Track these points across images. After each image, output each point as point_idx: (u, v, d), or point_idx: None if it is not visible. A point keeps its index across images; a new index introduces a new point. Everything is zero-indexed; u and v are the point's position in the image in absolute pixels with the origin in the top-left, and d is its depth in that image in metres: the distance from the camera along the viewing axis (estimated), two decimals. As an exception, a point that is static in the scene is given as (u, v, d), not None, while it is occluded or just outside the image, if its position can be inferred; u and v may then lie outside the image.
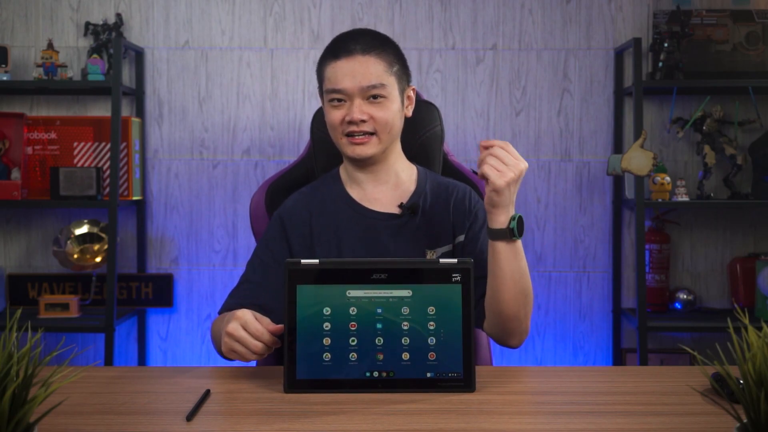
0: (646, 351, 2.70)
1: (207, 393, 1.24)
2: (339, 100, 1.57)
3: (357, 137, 1.57)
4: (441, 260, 1.29)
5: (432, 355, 1.27)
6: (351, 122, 1.56)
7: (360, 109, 1.55)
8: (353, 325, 1.27)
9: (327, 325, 1.27)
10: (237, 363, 1.40)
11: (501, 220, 1.42)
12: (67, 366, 0.97)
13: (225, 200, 2.97)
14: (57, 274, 2.95)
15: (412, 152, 1.77)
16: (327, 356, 1.27)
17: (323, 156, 1.82)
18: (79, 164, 2.85)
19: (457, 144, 2.95)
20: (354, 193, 1.66)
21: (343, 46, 1.59)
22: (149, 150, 2.97)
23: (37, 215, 2.97)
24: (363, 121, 1.56)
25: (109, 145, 2.82)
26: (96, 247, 2.85)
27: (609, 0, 2.94)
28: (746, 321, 0.94)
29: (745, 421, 0.89)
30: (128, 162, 2.84)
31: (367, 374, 1.27)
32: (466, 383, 1.27)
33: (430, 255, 1.60)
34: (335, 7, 2.94)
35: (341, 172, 1.70)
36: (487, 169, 1.38)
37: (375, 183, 1.66)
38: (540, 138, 2.97)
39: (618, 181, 2.94)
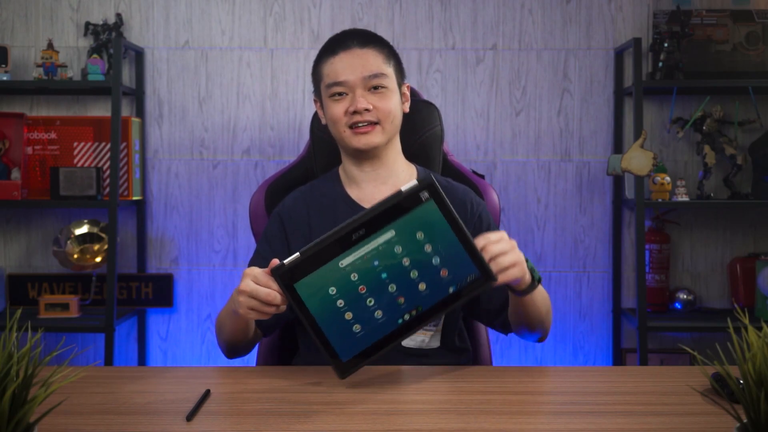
0: (646, 351, 2.70)
1: (207, 393, 1.24)
2: (340, 94, 1.59)
3: (361, 127, 1.58)
4: (403, 188, 1.27)
5: (444, 272, 1.28)
6: (355, 112, 1.57)
7: (363, 99, 1.57)
8: (362, 289, 1.27)
9: (340, 302, 1.28)
10: (237, 363, 1.41)
11: (526, 280, 1.41)
12: (67, 366, 0.97)
13: (225, 200, 2.97)
14: (57, 274, 2.95)
15: (411, 152, 1.76)
16: (357, 328, 1.28)
17: (323, 156, 1.82)
18: (79, 164, 2.85)
19: (457, 144, 2.95)
20: (353, 192, 1.66)
21: (339, 42, 1.61)
22: (149, 150, 2.97)
23: (37, 215, 2.97)
24: (367, 111, 1.56)
25: (109, 145, 2.82)
26: (96, 247, 2.85)
27: (609, 0, 2.94)
28: (746, 321, 0.94)
29: (745, 421, 0.89)
30: (128, 162, 2.84)
31: (399, 321, 1.29)
32: (485, 276, 1.29)
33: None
34: (335, 7, 2.94)
35: (340, 172, 1.70)
36: (507, 276, 1.33)
37: (374, 183, 1.65)
38: (540, 138, 2.97)
39: (618, 181, 2.94)
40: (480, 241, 1.32)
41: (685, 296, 2.91)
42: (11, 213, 2.98)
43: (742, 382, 0.91)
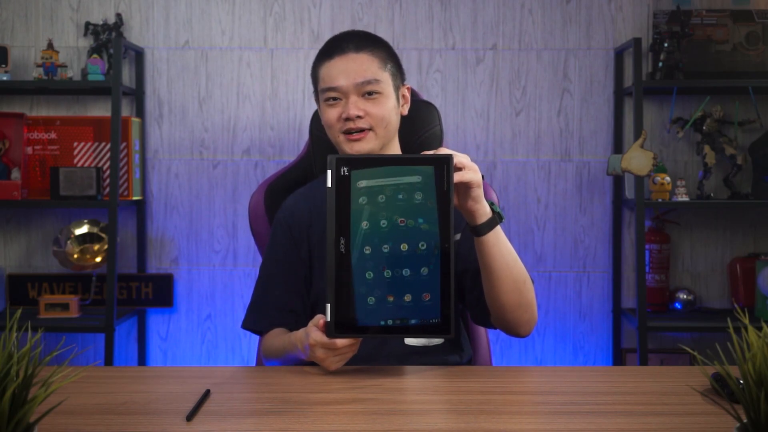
0: (646, 351, 2.70)
1: (207, 393, 1.24)
2: (334, 99, 1.59)
3: (354, 134, 1.57)
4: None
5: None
6: (347, 119, 1.56)
7: (355, 105, 1.56)
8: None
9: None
10: (237, 363, 1.41)
11: (485, 211, 1.40)
12: (67, 366, 0.97)
13: (225, 200, 2.97)
14: (57, 274, 2.95)
15: (411, 152, 1.77)
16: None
17: (322, 155, 1.82)
18: (79, 164, 2.85)
19: (457, 144, 2.95)
20: None
21: (336, 46, 1.60)
22: (149, 150, 2.97)
23: (37, 215, 2.97)
24: (359, 117, 1.56)
25: (109, 145, 2.82)
26: (96, 247, 2.85)
27: (609, 0, 2.94)
28: (746, 321, 0.94)
29: (745, 421, 0.89)
30: (128, 162, 2.84)
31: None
32: (442, 162, 1.29)
33: None
34: (335, 7, 2.94)
35: None
36: (464, 175, 1.35)
37: None
38: (540, 138, 2.97)
39: (618, 181, 2.94)
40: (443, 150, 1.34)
41: (685, 296, 2.91)
42: (11, 213, 2.98)
43: (742, 382, 0.91)
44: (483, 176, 1.86)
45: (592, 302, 3.00)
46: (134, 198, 2.87)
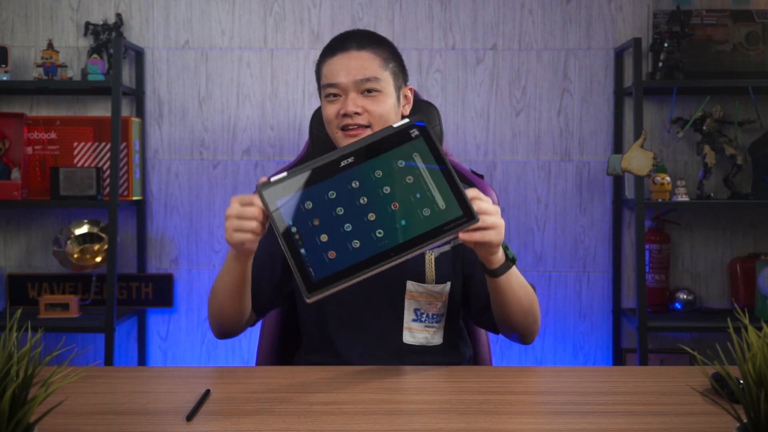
0: (646, 351, 2.70)
1: (207, 393, 1.24)
2: (335, 95, 1.59)
3: (351, 129, 1.58)
4: (394, 125, 1.30)
5: (426, 211, 1.25)
6: (345, 115, 1.57)
7: (354, 102, 1.57)
8: (339, 211, 1.26)
9: (317, 222, 1.25)
10: (237, 363, 1.40)
11: (500, 258, 1.42)
12: (67, 366, 0.97)
13: (225, 200, 2.97)
14: (57, 274, 2.95)
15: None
16: (332, 254, 1.23)
17: (322, 155, 1.82)
18: (79, 164, 2.85)
19: (457, 144, 2.95)
20: None
21: (339, 43, 1.61)
22: (149, 150, 2.97)
23: (37, 215, 2.97)
24: (357, 114, 1.57)
25: (109, 145, 2.82)
26: (96, 247, 2.85)
27: (609, 0, 2.94)
28: (746, 321, 0.94)
29: (745, 421, 0.89)
30: (128, 162, 2.84)
31: (375, 252, 1.23)
32: (468, 216, 1.25)
33: (429, 255, 1.60)
34: (335, 7, 2.94)
35: None
36: (487, 235, 1.33)
37: None
38: (540, 138, 2.97)
39: (618, 181, 2.94)
40: (470, 193, 1.31)
41: (685, 296, 2.91)
42: (11, 213, 2.98)
43: (742, 382, 0.91)
44: (482, 176, 1.87)
45: (592, 302, 3.00)
46: (134, 198, 2.87)
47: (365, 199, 1.26)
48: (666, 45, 2.80)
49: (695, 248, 3.00)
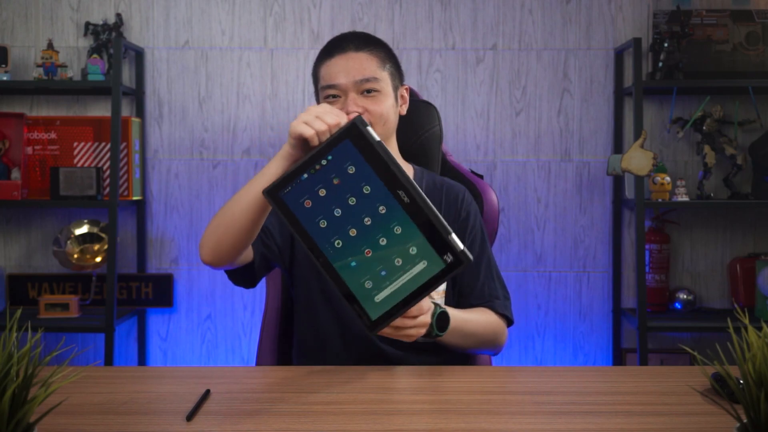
0: (646, 351, 2.70)
1: (207, 393, 1.24)
2: (334, 96, 1.60)
3: None
4: (453, 236, 1.25)
5: (368, 284, 1.27)
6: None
7: (354, 102, 1.58)
8: (352, 201, 1.26)
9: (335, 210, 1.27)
10: (237, 363, 1.40)
11: (426, 332, 1.44)
12: (67, 366, 0.97)
13: (225, 200, 2.96)
14: (57, 274, 2.95)
15: (411, 152, 1.77)
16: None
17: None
18: (79, 164, 2.85)
19: (457, 144, 2.95)
20: None
21: (336, 45, 1.63)
22: (149, 150, 2.97)
23: (37, 215, 2.97)
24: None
25: (109, 145, 2.82)
26: (96, 247, 2.85)
27: (609, 0, 2.94)
28: (746, 321, 0.94)
29: (745, 421, 0.89)
30: (128, 162, 2.84)
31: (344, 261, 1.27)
32: (370, 327, 1.26)
33: None
34: (335, 7, 2.94)
35: None
36: (406, 332, 1.37)
37: None
38: (540, 138, 2.97)
39: (618, 181, 2.94)
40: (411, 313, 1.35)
41: (685, 296, 2.91)
42: (11, 213, 2.98)
43: (742, 382, 0.91)
44: (482, 176, 1.88)
45: (592, 302, 3.00)
46: (134, 198, 2.87)
47: (369, 221, 1.26)
48: (666, 45, 2.80)
49: (695, 248, 3.00)
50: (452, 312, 1.48)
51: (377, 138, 1.25)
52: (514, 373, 1.54)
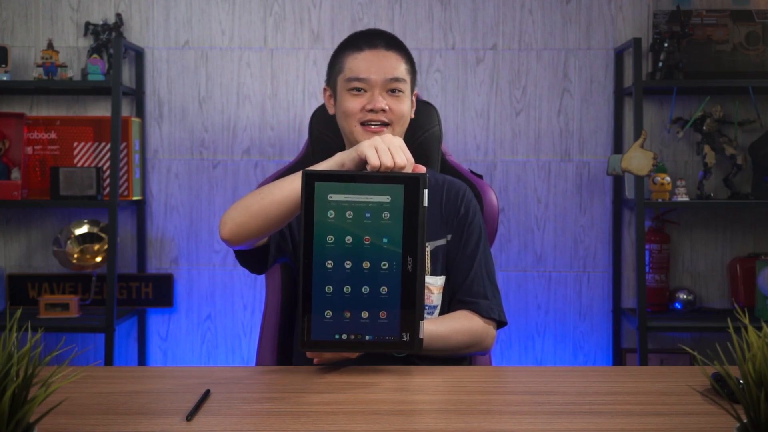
0: (646, 351, 2.70)
1: (207, 393, 1.24)
2: (358, 90, 1.61)
3: (373, 126, 1.61)
4: (422, 323, 1.30)
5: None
6: (371, 110, 1.60)
7: (382, 99, 1.60)
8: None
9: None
10: (237, 363, 1.41)
11: None
12: (67, 366, 0.97)
13: (225, 200, 2.97)
14: (57, 274, 2.95)
15: (410, 152, 1.76)
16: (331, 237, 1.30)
17: (321, 155, 1.82)
18: (79, 164, 2.85)
19: (457, 144, 2.95)
20: None
21: (365, 40, 1.65)
22: (149, 150, 2.97)
23: (37, 215, 2.97)
24: (383, 111, 1.60)
25: (109, 145, 2.82)
26: (96, 247, 2.85)
27: (609, 0, 2.94)
28: (746, 321, 0.94)
29: (745, 421, 0.89)
30: (128, 162, 2.84)
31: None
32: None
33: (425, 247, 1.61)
34: (335, 7, 2.94)
35: None
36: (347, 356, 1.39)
37: None
38: (540, 138, 2.97)
39: (618, 181, 2.94)
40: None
41: (685, 296, 2.91)
42: (11, 213, 2.98)
43: (742, 382, 0.91)
44: (481, 176, 1.88)
45: (592, 302, 3.00)
46: (134, 198, 2.87)
47: (367, 265, 1.29)
48: (666, 45, 2.80)
49: (695, 248, 3.00)
50: (427, 328, 1.46)
51: (426, 203, 1.28)
52: (514, 373, 1.54)
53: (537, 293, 2.98)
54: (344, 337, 1.30)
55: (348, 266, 1.28)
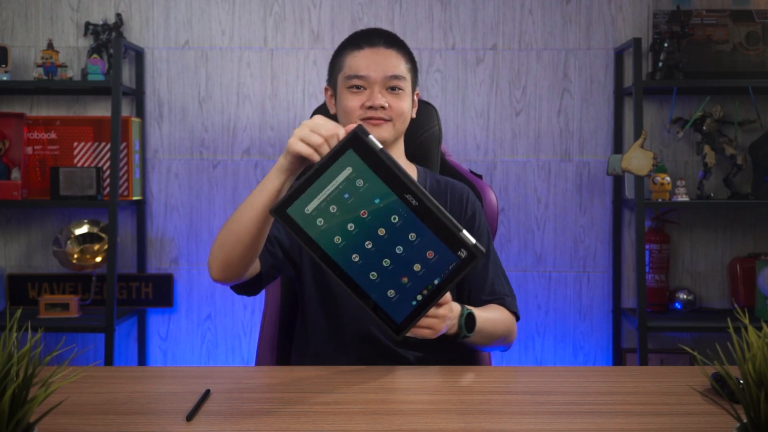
0: (646, 351, 2.70)
1: (207, 393, 1.24)
2: (358, 87, 1.62)
3: (374, 120, 1.61)
4: (464, 232, 1.25)
5: (391, 293, 1.26)
6: (371, 107, 1.61)
7: (381, 96, 1.61)
8: (363, 213, 1.25)
9: (346, 195, 1.25)
10: (237, 363, 1.41)
11: (452, 331, 1.47)
12: (67, 366, 0.97)
13: (225, 200, 2.97)
14: (57, 274, 2.95)
15: (410, 152, 1.77)
16: (320, 222, 1.25)
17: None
18: (79, 164, 2.85)
19: (457, 144, 2.95)
20: None
21: (365, 38, 1.66)
22: (149, 150, 2.97)
23: (37, 215, 2.97)
24: (382, 108, 1.61)
25: (109, 145, 2.82)
26: (96, 247, 2.85)
27: (609, 0, 2.94)
28: (746, 321, 0.94)
29: (745, 421, 0.89)
30: (128, 162, 2.84)
31: (361, 275, 1.27)
32: (397, 330, 1.27)
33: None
34: (335, 7, 2.94)
35: None
36: (421, 332, 1.37)
37: None
38: (540, 138, 2.97)
39: (618, 181, 2.94)
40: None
41: (685, 296, 2.91)
42: (11, 213, 2.98)
43: (742, 382, 0.91)
44: (481, 176, 1.88)
45: (592, 302, 3.00)
46: (134, 198, 2.87)
47: (383, 232, 1.25)
48: (666, 45, 2.80)
49: (695, 248, 3.00)
50: (477, 312, 1.51)
51: (380, 145, 1.24)
52: (514, 373, 1.54)
53: (537, 293, 2.98)
54: (419, 297, 1.26)
55: (370, 246, 1.25)
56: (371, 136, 1.24)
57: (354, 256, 1.25)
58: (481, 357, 1.82)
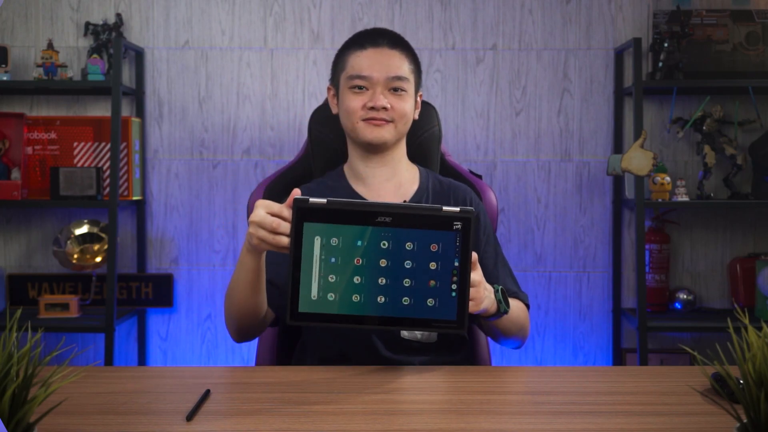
0: (646, 351, 2.70)
1: (207, 393, 1.24)
2: (360, 87, 1.62)
3: (375, 121, 1.61)
4: (444, 208, 1.25)
5: (431, 301, 1.25)
6: (373, 108, 1.60)
7: (383, 97, 1.60)
8: (358, 261, 1.24)
9: (333, 260, 1.24)
10: (237, 363, 1.41)
11: (492, 310, 1.46)
12: (67, 366, 0.97)
13: (225, 200, 2.97)
14: (57, 274, 2.95)
15: (410, 152, 1.77)
16: (331, 296, 1.24)
17: (321, 155, 1.82)
18: (79, 164, 2.85)
19: (457, 144, 2.95)
20: (359, 189, 1.68)
21: (369, 38, 1.65)
22: (149, 150, 2.97)
23: (37, 215, 2.97)
24: (384, 109, 1.60)
25: (109, 145, 2.82)
26: (96, 247, 2.85)
27: (609, 0, 2.94)
28: (746, 321, 0.94)
29: (745, 421, 0.89)
30: (128, 162, 2.84)
31: (367, 313, 1.26)
32: (457, 324, 1.26)
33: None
34: (335, 7, 2.94)
35: (345, 169, 1.72)
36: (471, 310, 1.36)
37: (379, 180, 1.68)
38: (540, 138, 2.97)
39: (618, 181, 2.94)
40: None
41: (685, 296, 2.91)
42: (11, 213, 2.98)
43: (742, 382, 0.91)
44: (481, 176, 1.88)
45: (592, 302, 3.00)
46: (134, 198, 2.87)
47: (385, 262, 1.25)
48: (666, 45, 2.80)
49: (695, 248, 3.00)
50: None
51: (323, 200, 1.23)
52: (514, 373, 1.54)
53: (537, 293, 2.98)
54: (453, 286, 1.25)
55: (384, 281, 1.25)
56: (311, 198, 1.24)
57: (379, 298, 1.25)
58: (482, 357, 1.82)
